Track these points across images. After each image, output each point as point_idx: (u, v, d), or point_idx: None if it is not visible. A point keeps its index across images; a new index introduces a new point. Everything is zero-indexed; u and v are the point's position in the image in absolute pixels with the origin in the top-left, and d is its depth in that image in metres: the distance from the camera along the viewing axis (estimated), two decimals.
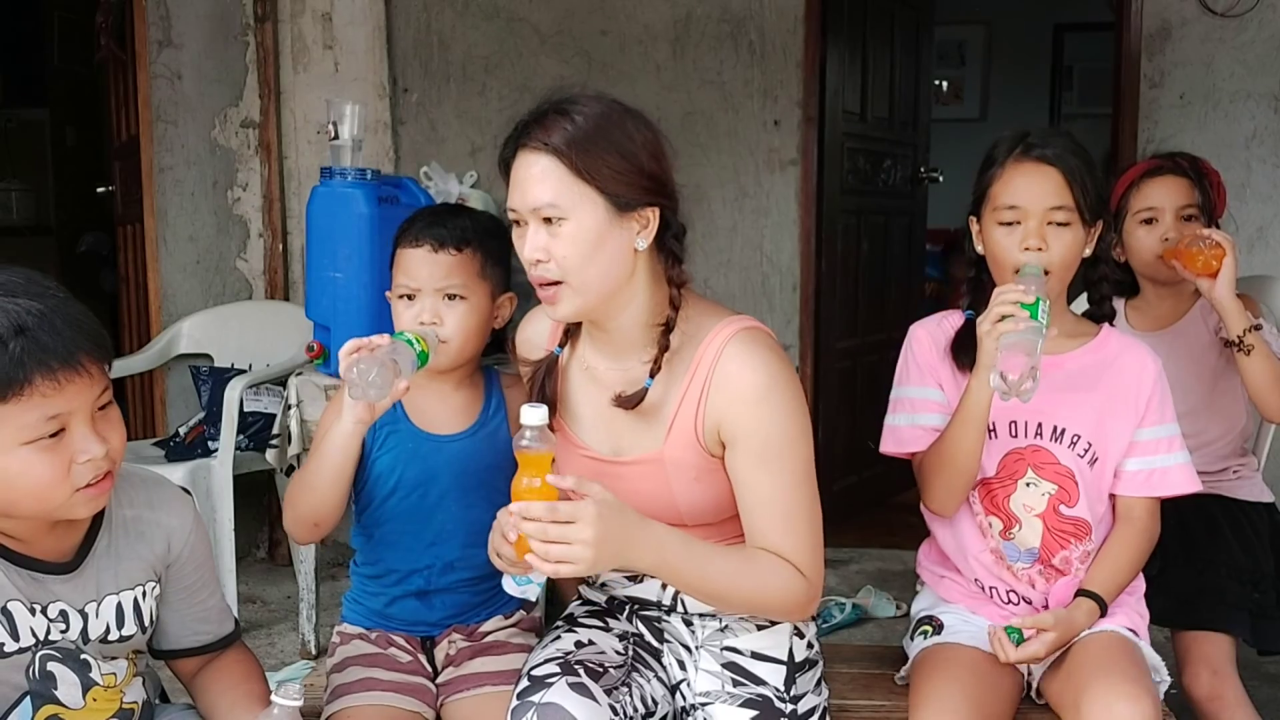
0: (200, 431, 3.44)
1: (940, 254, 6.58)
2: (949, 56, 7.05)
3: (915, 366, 1.87)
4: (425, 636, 1.84)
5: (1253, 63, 3.65)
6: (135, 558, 1.51)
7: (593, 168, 1.49)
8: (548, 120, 1.52)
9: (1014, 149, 1.80)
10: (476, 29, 3.85)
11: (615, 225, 1.51)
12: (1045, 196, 1.75)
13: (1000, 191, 1.79)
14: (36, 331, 1.29)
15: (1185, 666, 2.08)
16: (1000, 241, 1.78)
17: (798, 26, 3.76)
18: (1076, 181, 1.75)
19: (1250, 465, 2.32)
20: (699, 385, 1.56)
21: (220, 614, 1.64)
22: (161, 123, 3.90)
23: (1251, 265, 3.47)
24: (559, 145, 1.49)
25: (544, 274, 1.52)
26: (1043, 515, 1.81)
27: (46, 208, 7.00)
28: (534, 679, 1.55)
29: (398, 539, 1.80)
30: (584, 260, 1.50)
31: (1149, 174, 2.22)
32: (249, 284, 3.94)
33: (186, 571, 1.57)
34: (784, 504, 1.54)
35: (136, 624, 1.51)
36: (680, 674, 1.71)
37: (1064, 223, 1.75)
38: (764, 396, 1.53)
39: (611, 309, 1.57)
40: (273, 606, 3.54)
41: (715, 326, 1.58)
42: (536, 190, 1.50)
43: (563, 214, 1.50)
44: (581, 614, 1.76)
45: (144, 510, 1.52)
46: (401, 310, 1.78)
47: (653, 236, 1.55)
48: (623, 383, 1.60)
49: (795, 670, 1.69)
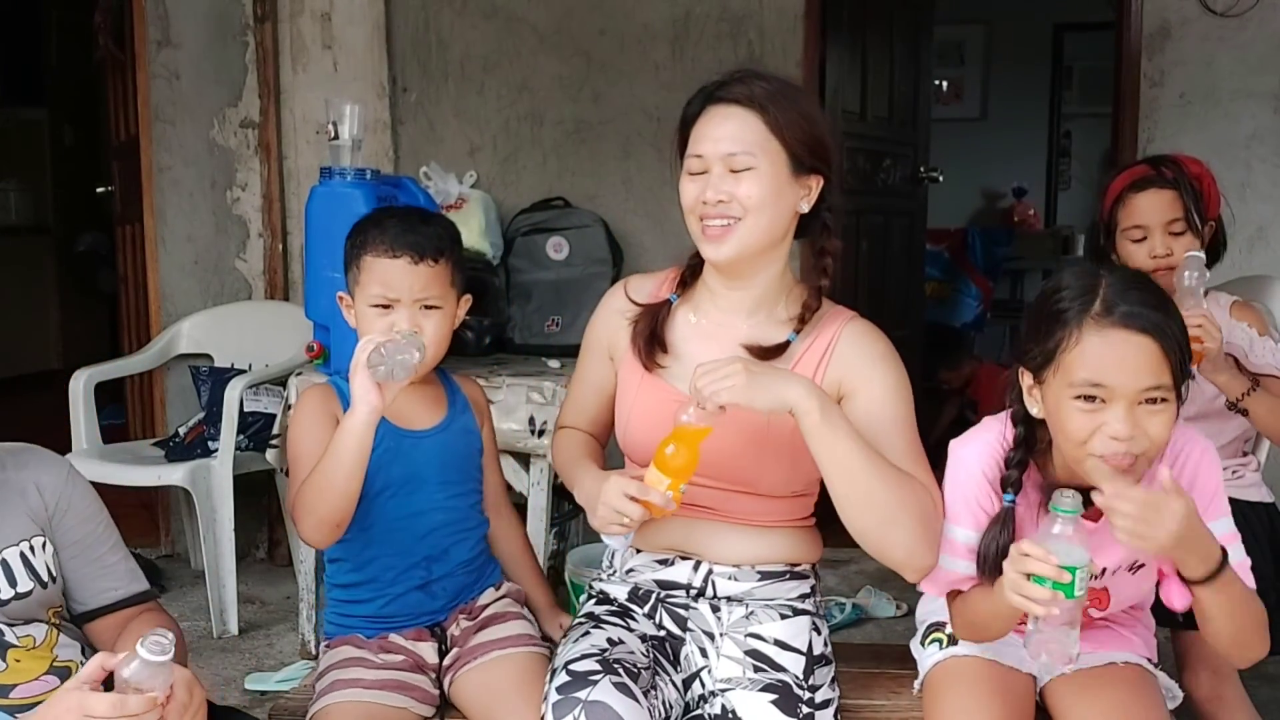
0: (200, 431, 3.44)
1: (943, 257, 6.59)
2: (949, 56, 7.05)
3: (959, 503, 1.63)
4: (433, 624, 1.87)
5: (1253, 62, 3.65)
6: (9, 516, 1.53)
7: (784, 124, 1.65)
8: (745, 80, 1.67)
9: (1090, 306, 1.47)
10: (475, 28, 3.84)
11: (790, 183, 1.67)
12: (1139, 376, 1.43)
13: (1077, 363, 1.46)
14: None
15: (1185, 666, 2.09)
16: (1079, 424, 1.47)
17: (797, 26, 3.75)
18: (1172, 349, 1.44)
19: (1250, 466, 2.31)
20: (822, 345, 1.71)
21: (129, 573, 1.66)
22: (160, 123, 3.90)
23: (1251, 265, 3.47)
24: (760, 100, 1.65)
25: (725, 211, 1.64)
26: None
27: (45, 207, 7.01)
28: (575, 674, 1.56)
29: (392, 536, 1.82)
30: (762, 205, 1.64)
31: (1133, 188, 2.20)
32: (248, 284, 3.93)
33: (70, 524, 1.59)
34: (905, 441, 1.66)
35: (32, 579, 1.52)
36: (701, 661, 1.73)
37: (1160, 399, 1.45)
38: (889, 357, 1.71)
39: (759, 263, 1.71)
40: (273, 606, 3.54)
41: (833, 305, 1.77)
42: (731, 137, 1.64)
43: (753, 162, 1.64)
44: (603, 613, 1.78)
45: (11, 472, 1.56)
46: (374, 319, 1.77)
47: (813, 203, 1.70)
48: (744, 338, 1.71)
49: (814, 662, 1.72)
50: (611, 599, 1.81)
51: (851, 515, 1.58)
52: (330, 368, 2.91)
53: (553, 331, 3.46)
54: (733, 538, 1.75)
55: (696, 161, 1.67)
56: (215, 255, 3.93)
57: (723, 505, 1.73)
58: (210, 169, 3.90)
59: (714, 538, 1.75)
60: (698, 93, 1.70)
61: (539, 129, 3.85)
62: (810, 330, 1.72)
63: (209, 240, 3.93)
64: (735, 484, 1.71)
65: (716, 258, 1.69)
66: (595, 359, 1.86)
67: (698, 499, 1.70)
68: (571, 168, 3.84)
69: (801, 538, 1.79)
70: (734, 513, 1.73)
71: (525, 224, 3.62)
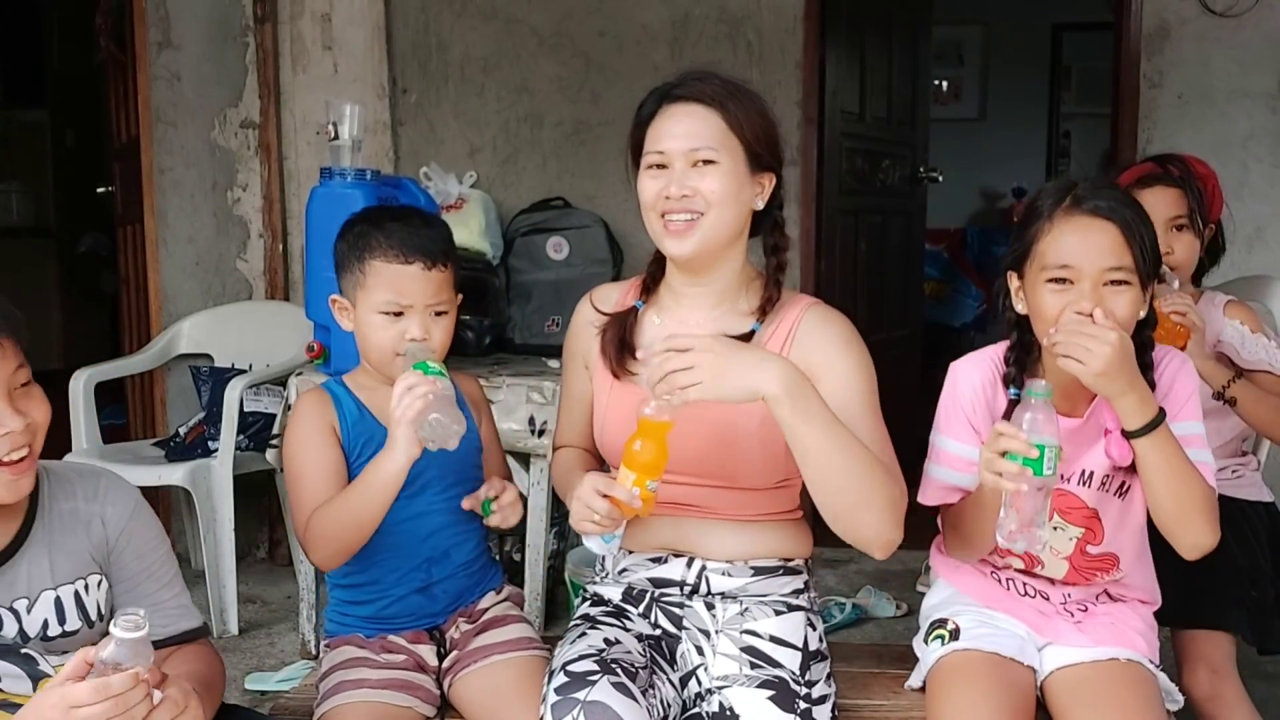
0: (200, 431, 3.44)
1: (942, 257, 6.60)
2: (947, 56, 7.06)
3: (954, 415, 1.75)
4: (431, 627, 1.86)
5: (1249, 62, 3.65)
6: (71, 551, 1.49)
7: (742, 123, 1.68)
8: (702, 79, 1.70)
9: (1061, 200, 1.64)
10: (475, 30, 3.85)
11: (747, 180, 1.70)
12: (1102, 255, 1.59)
13: (1049, 249, 1.63)
14: None
15: (1185, 666, 2.09)
16: (1049, 304, 1.63)
17: (796, 27, 3.76)
18: (1135, 238, 1.60)
19: (1250, 465, 2.32)
20: (784, 333, 1.73)
21: (177, 611, 1.59)
22: (161, 124, 3.90)
23: (1249, 265, 3.48)
24: (719, 98, 1.68)
25: (689, 205, 1.66)
26: (1070, 558, 1.77)
27: (46, 209, 7.01)
28: (573, 675, 1.57)
29: (393, 540, 1.80)
30: (724, 200, 1.67)
31: (1139, 183, 2.22)
32: (249, 284, 3.94)
33: (127, 560, 1.54)
34: (870, 421, 1.67)
35: (81, 619, 1.49)
36: (698, 659, 1.73)
37: (1122, 282, 1.60)
38: (850, 340, 1.73)
39: (720, 257, 1.73)
40: (273, 606, 3.54)
41: (793, 293, 1.79)
42: (694, 133, 1.67)
43: (715, 157, 1.67)
44: (599, 614, 1.78)
45: (80, 502, 1.51)
46: (382, 325, 1.74)
47: (765, 200, 1.73)
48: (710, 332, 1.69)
49: (809, 658, 1.73)
50: (606, 600, 1.82)
51: (824, 499, 1.58)
52: (330, 368, 2.92)
53: (553, 331, 3.47)
54: (723, 533, 1.75)
55: (658, 157, 1.69)
56: (216, 256, 3.94)
57: (707, 502, 1.74)
58: (211, 170, 3.91)
59: (704, 534, 1.76)
60: (650, 94, 1.73)
61: (539, 130, 3.85)
62: (772, 319, 1.74)
63: (210, 241, 3.93)
64: (715, 479, 1.71)
65: (679, 253, 1.69)
66: (575, 373, 1.88)
67: (682, 497, 1.71)
68: (571, 168, 3.85)
69: (792, 532, 1.80)
70: (720, 508, 1.74)
71: (525, 224, 3.63)
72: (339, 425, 1.79)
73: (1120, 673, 1.70)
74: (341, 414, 1.80)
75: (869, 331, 4.92)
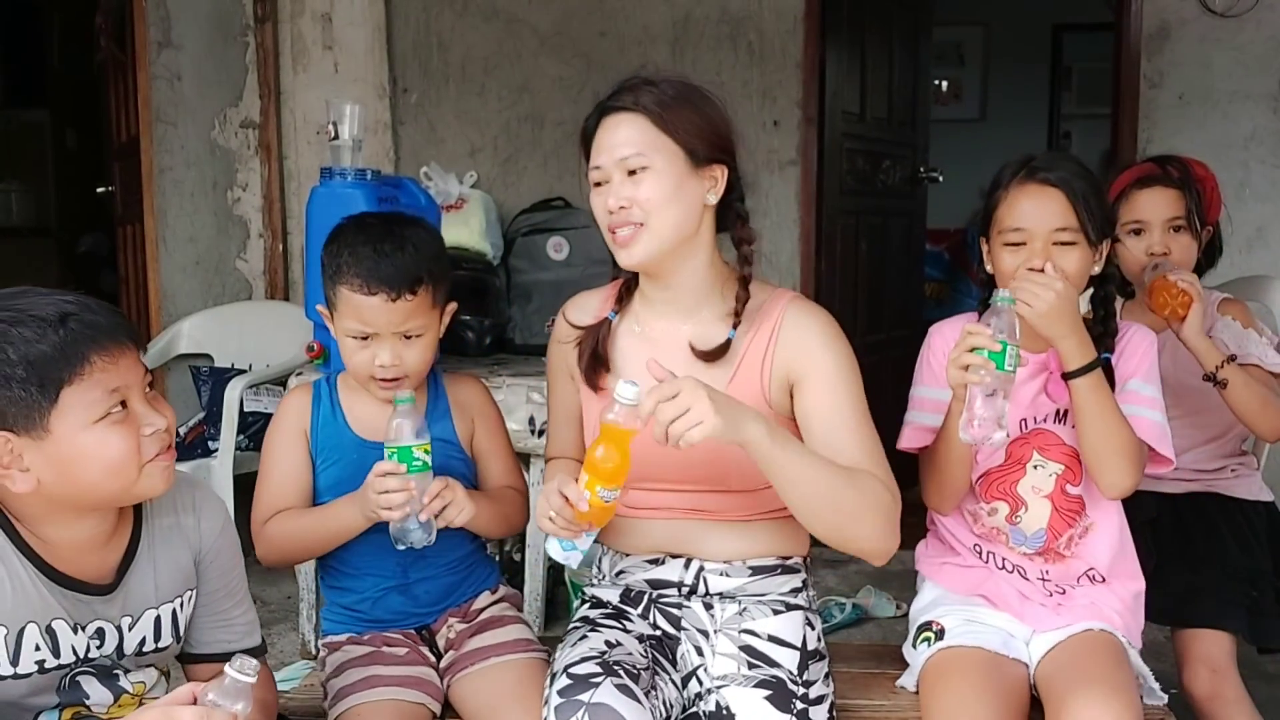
0: (200, 431, 3.44)
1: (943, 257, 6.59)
2: (948, 57, 7.06)
3: (929, 367, 1.90)
4: (420, 626, 1.85)
5: (1251, 63, 3.65)
6: (173, 567, 1.51)
7: (673, 121, 1.66)
8: (633, 87, 1.70)
9: (1018, 172, 1.82)
10: (475, 30, 3.85)
11: (690, 177, 1.67)
12: (1049, 218, 1.77)
13: (1005, 214, 1.81)
14: (82, 313, 1.35)
15: (1185, 665, 2.09)
16: (1006, 262, 1.80)
17: (797, 27, 3.76)
18: (1080, 202, 1.77)
19: (1250, 464, 2.32)
20: (766, 334, 1.70)
21: (245, 628, 1.62)
22: (161, 123, 3.90)
23: (1250, 265, 3.48)
24: (645, 103, 1.67)
25: (626, 218, 1.66)
26: (1051, 496, 1.84)
27: (47, 209, 7.00)
28: (575, 677, 1.57)
29: (365, 544, 1.80)
30: (664, 203, 1.65)
31: (1138, 184, 2.23)
32: (249, 284, 3.94)
33: (210, 575, 1.56)
34: (858, 426, 1.67)
35: (173, 635, 1.52)
36: (697, 660, 1.73)
37: (1069, 242, 1.77)
38: (834, 336, 1.71)
39: (678, 260, 1.70)
40: (273, 606, 3.54)
41: (772, 290, 1.76)
42: (623, 143, 1.66)
43: (646, 162, 1.65)
44: (598, 616, 1.78)
45: (178, 516, 1.53)
46: (354, 349, 1.75)
47: (720, 194, 1.70)
48: (684, 339, 1.72)
49: (808, 658, 1.73)
50: (605, 602, 1.81)
51: (810, 524, 1.63)
52: (330, 368, 2.92)
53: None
54: (719, 534, 1.75)
55: (596, 173, 1.70)
56: (216, 255, 3.94)
57: (702, 504, 1.73)
58: (211, 170, 3.91)
59: (701, 535, 1.75)
60: (594, 108, 1.73)
61: (539, 130, 3.85)
62: (750, 322, 1.72)
63: (210, 241, 3.94)
64: (706, 484, 1.71)
65: (629, 263, 1.70)
66: (560, 385, 1.87)
67: (676, 502, 1.72)
68: (572, 168, 3.84)
69: (787, 529, 1.78)
70: (714, 510, 1.74)
71: (525, 224, 3.62)
72: (309, 429, 1.81)
73: (1090, 640, 1.76)
74: (315, 414, 1.82)
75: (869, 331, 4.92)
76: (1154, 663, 1.89)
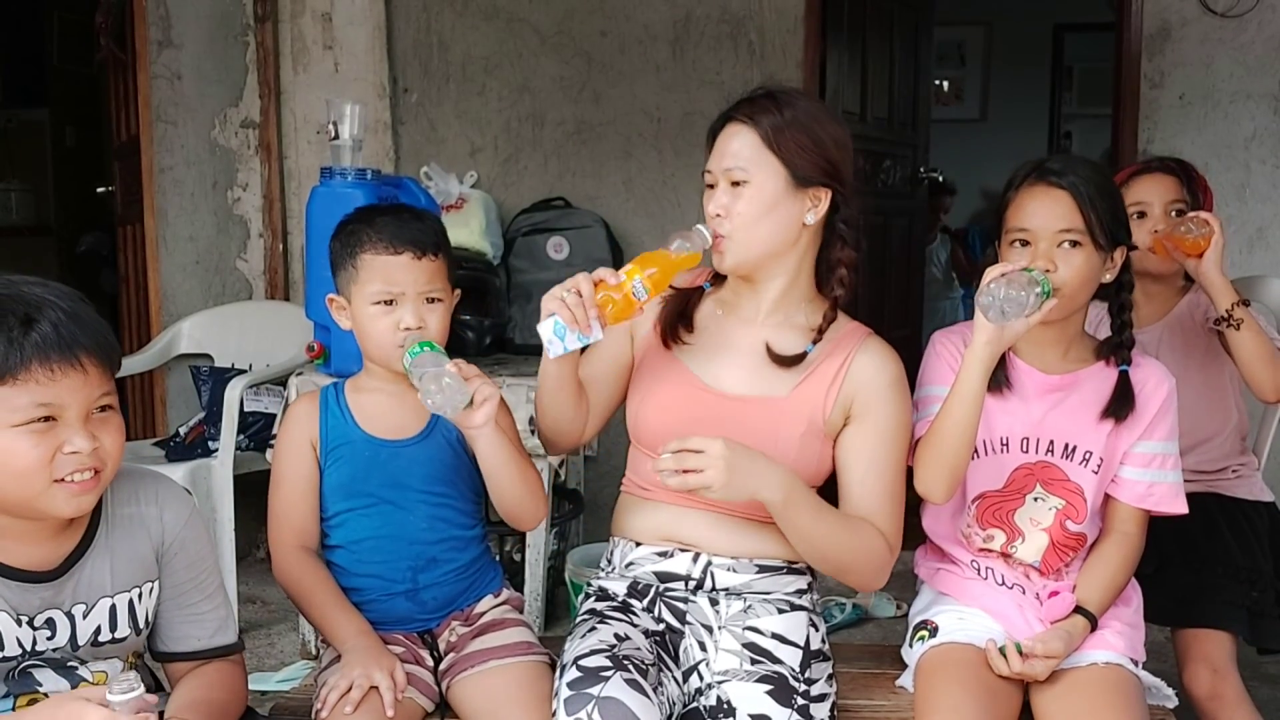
0: (200, 431, 3.44)
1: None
2: (949, 57, 7.06)
3: (936, 365, 1.89)
4: (423, 630, 1.85)
5: (1252, 63, 3.65)
6: (131, 556, 1.51)
7: (782, 142, 1.71)
8: (754, 99, 1.76)
9: (1029, 174, 1.83)
10: (476, 29, 3.85)
11: (789, 196, 1.73)
12: (1054, 219, 1.77)
13: (1013, 215, 1.83)
14: (43, 323, 1.35)
15: (1185, 665, 2.09)
16: (1014, 261, 1.78)
17: (797, 27, 3.76)
18: (1088, 205, 1.77)
19: (1250, 465, 2.32)
20: (840, 358, 1.77)
21: (217, 624, 1.61)
22: (161, 123, 3.90)
23: (1251, 265, 3.48)
24: (759, 120, 1.72)
25: (719, 226, 1.73)
26: (1049, 530, 1.83)
27: (47, 208, 7.00)
28: (585, 670, 1.57)
29: (375, 547, 1.80)
30: (755, 219, 1.71)
31: (1139, 172, 2.30)
32: (249, 284, 3.94)
33: (177, 569, 1.56)
34: (889, 481, 1.74)
35: (130, 626, 1.51)
36: (700, 655, 1.75)
37: (1074, 243, 1.77)
38: (902, 387, 1.78)
39: (768, 271, 1.77)
40: (273, 606, 3.54)
41: (848, 320, 1.83)
42: (732, 154, 1.73)
43: (748, 177, 1.71)
44: (605, 608, 1.78)
45: (140, 506, 1.53)
46: (377, 316, 1.76)
47: (822, 215, 1.75)
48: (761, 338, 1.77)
49: (810, 657, 1.75)
50: (612, 595, 1.82)
51: (807, 559, 1.77)
52: (330, 368, 2.92)
53: None
54: (729, 529, 1.76)
55: (708, 175, 1.77)
56: (216, 255, 3.94)
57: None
58: (211, 169, 3.91)
59: (711, 530, 1.76)
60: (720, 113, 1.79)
61: (540, 130, 3.85)
62: (827, 343, 1.78)
63: (210, 240, 3.93)
64: None
65: (719, 267, 1.77)
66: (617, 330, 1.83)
67: (692, 496, 1.71)
68: (572, 168, 3.85)
69: None
70: (729, 506, 1.74)
71: (526, 224, 3.62)
72: (318, 436, 1.82)
73: (1100, 675, 1.74)
74: (324, 419, 1.83)
75: None
76: (1154, 663, 1.89)
